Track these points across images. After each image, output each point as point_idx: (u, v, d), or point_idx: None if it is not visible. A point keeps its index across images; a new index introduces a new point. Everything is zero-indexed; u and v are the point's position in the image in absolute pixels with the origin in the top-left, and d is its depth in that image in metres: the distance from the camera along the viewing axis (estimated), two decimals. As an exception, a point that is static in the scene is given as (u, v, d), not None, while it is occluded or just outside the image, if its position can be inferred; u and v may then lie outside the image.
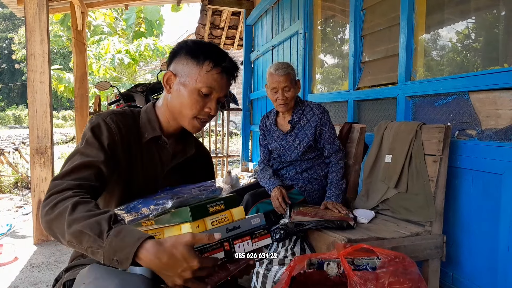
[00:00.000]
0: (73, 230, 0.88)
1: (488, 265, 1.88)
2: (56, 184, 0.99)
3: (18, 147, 7.43)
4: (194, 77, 1.13)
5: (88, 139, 1.09)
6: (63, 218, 0.90)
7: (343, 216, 1.98)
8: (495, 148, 1.81)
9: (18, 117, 26.96)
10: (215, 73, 1.13)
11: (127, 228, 0.88)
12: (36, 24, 3.07)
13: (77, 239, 0.88)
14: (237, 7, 6.18)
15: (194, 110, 1.15)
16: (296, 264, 1.56)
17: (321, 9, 3.81)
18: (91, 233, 0.86)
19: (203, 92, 1.13)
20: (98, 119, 1.13)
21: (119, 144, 1.12)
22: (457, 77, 2.04)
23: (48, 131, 3.13)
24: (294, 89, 2.28)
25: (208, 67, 1.12)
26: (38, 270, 2.66)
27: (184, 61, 1.15)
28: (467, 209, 1.99)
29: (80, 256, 1.17)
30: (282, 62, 2.32)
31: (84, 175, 1.02)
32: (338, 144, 2.32)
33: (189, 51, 1.15)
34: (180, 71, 1.15)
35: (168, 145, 1.21)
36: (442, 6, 2.36)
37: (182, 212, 0.94)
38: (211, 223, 0.96)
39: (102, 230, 0.86)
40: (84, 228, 0.87)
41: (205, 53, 1.13)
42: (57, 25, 17.29)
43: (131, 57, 14.10)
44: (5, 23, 33.41)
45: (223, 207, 1.00)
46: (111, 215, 0.90)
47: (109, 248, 0.84)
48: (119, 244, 0.84)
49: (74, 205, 0.91)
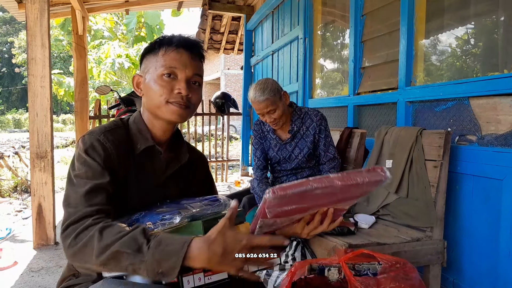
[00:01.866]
0: (108, 253, 0.84)
1: (489, 271, 1.88)
2: (71, 213, 0.94)
3: (18, 151, 7.42)
4: (154, 66, 1.12)
5: (87, 161, 1.03)
6: (92, 246, 0.86)
7: (344, 222, 1.98)
8: (496, 153, 1.81)
9: (17, 121, 26.96)
10: (171, 52, 1.12)
11: (166, 237, 0.85)
12: (37, 29, 3.08)
13: (115, 261, 0.84)
14: (237, 12, 6.19)
15: (163, 95, 1.10)
16: (297, 270, 1.56)
17: (321, 15, 3.83)
18: (129, 250, 0.83)
19: (165, 73, 1.10)
20: (92, 139, 1.06)
21: (116, 161, 1.07)
22: (457, 83, 2.05)
23: (48, 135, 3.13)
24: (280, 107, 2.17)
25: (162, 52, 1.12)
26: (38, 274, 2.65)
27: (145, 60, 1.17)
28: (468, 215, 1.99)
29: (71, 276, 1.12)
30: (260, 84, 2.18)
31: (97, 200, 0.97)
32: (333, 152, 2.28)
33: (146, 49, 1.17)
34: (143, 69, 1.17)
35: (162, 154, 1.17)
36: (441, 11, 2.38)
37: (194, 226, 0.92)
38: None
39: (141, 245, 0.83)
40: (121, 248, 0.83)
41: (158, 42, 1.14)
42: (57, 29, 17.33)
43: (131, 62, 14.14)
44: (6, 27, 33.49)
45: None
46: (144, 228, 0.87)
47: (152, 261, 0.81)
48: (163, 255, 0.81)
49: (100, 231, 0.88)
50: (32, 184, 3.17)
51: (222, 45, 7.38)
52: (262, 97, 2.12)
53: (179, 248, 0.81)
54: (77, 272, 1.12)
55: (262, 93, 2.13)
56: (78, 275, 1.12)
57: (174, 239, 0.84)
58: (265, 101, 2.12)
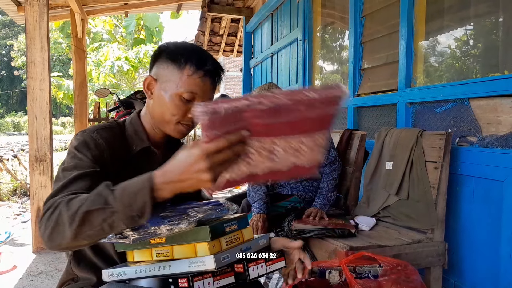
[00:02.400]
0: (79, 218, 0.80)
1: (490, 273, 1.87)
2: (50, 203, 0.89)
3: (17, 154, 7.42)
4: (175, 81, 1.07)
5: (76, 155, 1.01)
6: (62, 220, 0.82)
7: (344, 224, 1.97)
8: (496, 154, 1.81)
9: (17, 124, 26.96)
10: (197, 78, 1.06)
11: (129, 181, 0.82)
12: (36, 32, 3.08)
13: (87, 223, 0.81)
14: (237, 14, 6.20)
15: (176, 116, 1.08)
16: (298, 273, 1.55)
17: (320, 16, 3.83)
18: (97, 206, 0.80)
19: (185, 97, 1.06)
20: (84, 136, 1.05)
21: (108, 160, 1.05)
22: (457, 84, 2.04)
23: (47, 139, 3.12)
24: None
25: (189, 71, 1.06)
26: (37, 278, 2.64)
27: (164, 65, 1.09)
28: (469, 216, 1.98)
29: (70, 280, 1.11)
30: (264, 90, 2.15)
31: (78, 186, 0.94)
32: (334, 154, 2.28)
33: (169, 55, 1.09)
34: (160, 75, 1.10)
35: (158, 156, 1.16)
36: (441, 13, 2.37)
37: (201, 231, 0.91)
38: (226, 243, 0.94)
39: (106, 197, 0.81)
40: (89, 207, 0.80)
41: (185, 56, 1.07)
42: (56, 32, 17.36)
43: (130, 64, 14.15)
44: (5, 30, 33.53)
45: (237, 227, 1.00)
46: (105, 183, 0.85)
47: (123, 208, 0.79)
48: (130, 197, 0.79)
49: (67, 203, 0.84)
50: (31, 188, 3.16)
51: (222, 47, 7.39)
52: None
53: (144, 182, 0.79)
54: (76, 276, 1.11)
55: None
56: (77, 279, 1.10)
57: (136, 180, 0.81)
58: None
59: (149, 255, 0.97)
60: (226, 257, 0.91)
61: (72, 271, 1.11)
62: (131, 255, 1.01)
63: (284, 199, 2.31)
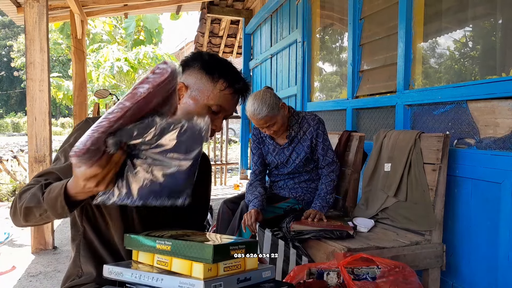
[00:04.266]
0: (24, 211, 0.97)
1: (488, 274, 1.87)
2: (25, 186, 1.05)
3: (16, 155, 7.41)
4: (207, 93, 1.12)
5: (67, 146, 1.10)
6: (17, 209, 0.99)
7: (343, 226, 1.98)
8: (494, 157, 1.81)
9: (16, 125, 26.94)
10: (228, 93, 1.13)
11: (54, 184, 0.95)
12: (36, 33, 3.08)
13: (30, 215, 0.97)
14: (236, 15, 6.21)
15: None
16: (296, 274, 1.55)
17: (319, 18, 3.84)
18: (33, 204, 0.95)
19: (213, 109, 1.13)
20: (87, 124, 1.09)
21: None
22: (455, 86, 2.05)
23: (47, 140, 3.13)
24: (279, 120, 2.16)
25: (222, 86, 1.12)
26: (36, 279, 2.64)
27: (198, 75, 1.13)
28: (467, 218, 1.99)
29: (75, 276, 1.14)
30: (258, 99, 2.11)
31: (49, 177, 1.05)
32: (332, 156, 2.28)
33: (204, 66, 1.14)
34: (192, 84, 1.13)
35: None
36: (439, 15, 2.38)
37: (205, 249, 0.86)
38: (223, 269, 0.89)
39: (39, 198, 0.95)
40: (28, 204, 0.96)
41: (220, 71, 1.12)
42: (56, 33, 17.35)
43: (130, 65, 14.15)
44: (5, 30, 33.53)
45: (243, 251, 0.93)
46: (42, 184, 0.97)
47: (49, 207, 0.92)
48: (52, 199, 0.91)
49: (20, 195, 1.00)
50: (30, 188, 3.16)
51: (221, 48, 7.40)
52: (261, 114, 2.09)
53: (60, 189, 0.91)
54: (81, 269, 1.14)
55: (260, 110, 2.08)
56: (81, 274, 1.14)
57: (58, 185, 0.93)
58: (264, 118, 2.10)
59: (151, 260, 0.98)
60: (218, 285, 0.85)
61: (79, 262, 1.14)
62: (136, 254, 1.02)
63: (282, 201, 2.32)
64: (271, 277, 0.99)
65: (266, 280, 0.98)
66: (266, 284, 0.96)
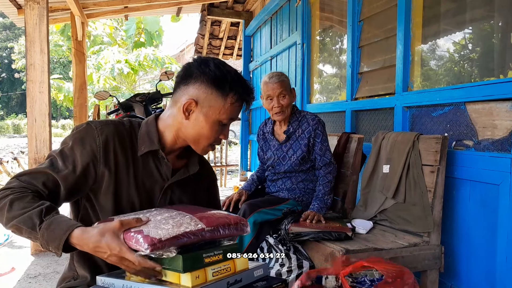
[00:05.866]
0: (12, 225, 0.96)
1: (486, 276, 1.87)
2: (10, 181, 1.04)
3: (17, 156, 7.42)
4: (218, 109, 1.10)
5: (65, 149, 1.08)
6: (3, 214, 0.98)
7: (341, 227, 1.98)
8: (492, 158, 1.82)
9: (17, 126, 26.95)
10: (238, 105, 1.13)
11: (57, 220, 0.94)
12: (36, 35, 3.10)
13: (18, 231, 0.97)
14: (236, 17, 6.22)
15: (211, 139, 1.14)
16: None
17: (319, 20, 3.85)
18: (26, 227, 0.94)
19: (224, 123, 1.14)
20: (88, 128, 1.10)
21: (101, 159, 1.08)
22: (454, 88, 2.05)
23: (46, 141, 3.13)
24: (289, 96, 2.29)
25: (232, 99, 1.11)
26: (35, 281, 2.64)
27: (208, 90, 1.10)
28: (465, 220, 1.99)
29: (71, 278, 1.15)
30: (276, 71, 2.35)
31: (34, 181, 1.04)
32: (329, 157, 2.30)
33: (214, 80, 1.10)
34: (202, 100, 1.10)
35: (168, 160, 1.17)
36: (438, 17, 2.39)
37: (175, 260, 0.88)
38: (212, 274, 0.90)
39: (35, 224, 0.94)
40: (19, 223, 0.95)
41: (230, 85, 1.11)
42: (57, 35, 17.37)
43: (130, 67, 14.15)
44: (6, 32, 33.59)
45: (221, 257, 0.94)
46: (42, 209, 0.95)
47: (42, 240, 0.93)
48: (50, 236, 0.92)
49: (11, 202, 0.97)
50: (30, 190, 3.16)
51: (221, 50, 7.41)
52: (278, 78, 2.26)
53: (62, 234, 0.92)
54: (76, 273, 1.15)
55: (278, 76, 2.28)
56: (76, 277, 1.14)
57: (62, 224, 0.93)
58: (279, 82, 2.25)
59: None
60: None
61: (74, 266, 1.15)
62: None
63: (281, 203, 2.32)
64: (264, 275, 1.00)
65: (259, 279, 0.99)
66: (259, 283, 0.97)
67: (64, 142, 1.11)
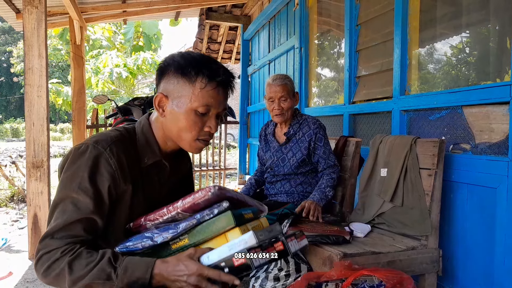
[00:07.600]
0: (80, 285, 0.92)
1: (484, 279, 1.87)
2: (46, 244, 0.98)
3: (15, 160, 7.41)
4: (188, 96, 1.03)
5: (84, 183, 0.99)
6: (64, 277, 0.94)
7: (339, 230, 1.98)
8: (489, 162, 1.82)
9: (15, 130, 26.91)
10: (210, 89, 1.04)
11: (130, 262, 0.93)
12: (34, 39, 3.10)
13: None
14: (234, 22, 6.24)
15: (193, 132, 1.06)
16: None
17: (316, 24, 3.86)
18: (100, 281, 0.91)
19: (200, 111, 1.04)
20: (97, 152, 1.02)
21: (120, 179, 1.04)
22: (451, 92, 2.06)
23: (44, 145, 3.13)
24: (291, 100, 2.31)
25: (201, 84, 1.03)
26: (33, 285, 2.63)
27: (174, 80, 1.05)
28: (463, 223, 1.99)
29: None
30: (281, 74, 2.37)
31: (74, 232, 0.98)
32: (333, 160, 2.33)
33: (178, 68, 1.05)
34: (171, 91, 1.06)
35: (167, 167, 1.16)
36: (435, 21, 2.40)
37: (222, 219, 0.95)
38: (252, 228, 0.97)
39: (109, 273, 0.92)
40: (91, 280, 0.92)
41: (196, 69, 1.03)
42: (56, 39, 17.40)
43: (129, 71, 14.16)
44: (4, 36, 33.62)
45: (252, 215, 1.03)
46: (109, 257, 0.93)
47: (122, 285, 0.91)
48: (131, 279, 0.91)
49: (69, 264, 0.93)
50: (28, 194, 3.16)
51: (220, 54, 7.42)
52: (281, 81, 2.29)
53: (144, 273, 0.91)
54: None
55: (282, 79, 2.31)
56: None
57: (138, 264, 0.92)
58: (282, 85, 2.28)
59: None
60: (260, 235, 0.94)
61: None
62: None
63: (281, 207, 2.32)
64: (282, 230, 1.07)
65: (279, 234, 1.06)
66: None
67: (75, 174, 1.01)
